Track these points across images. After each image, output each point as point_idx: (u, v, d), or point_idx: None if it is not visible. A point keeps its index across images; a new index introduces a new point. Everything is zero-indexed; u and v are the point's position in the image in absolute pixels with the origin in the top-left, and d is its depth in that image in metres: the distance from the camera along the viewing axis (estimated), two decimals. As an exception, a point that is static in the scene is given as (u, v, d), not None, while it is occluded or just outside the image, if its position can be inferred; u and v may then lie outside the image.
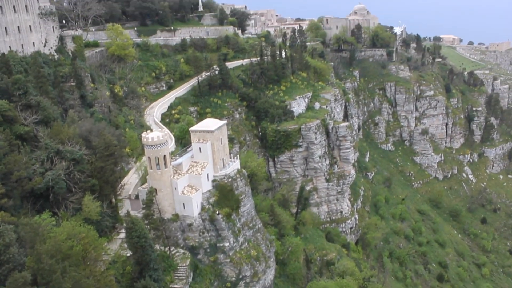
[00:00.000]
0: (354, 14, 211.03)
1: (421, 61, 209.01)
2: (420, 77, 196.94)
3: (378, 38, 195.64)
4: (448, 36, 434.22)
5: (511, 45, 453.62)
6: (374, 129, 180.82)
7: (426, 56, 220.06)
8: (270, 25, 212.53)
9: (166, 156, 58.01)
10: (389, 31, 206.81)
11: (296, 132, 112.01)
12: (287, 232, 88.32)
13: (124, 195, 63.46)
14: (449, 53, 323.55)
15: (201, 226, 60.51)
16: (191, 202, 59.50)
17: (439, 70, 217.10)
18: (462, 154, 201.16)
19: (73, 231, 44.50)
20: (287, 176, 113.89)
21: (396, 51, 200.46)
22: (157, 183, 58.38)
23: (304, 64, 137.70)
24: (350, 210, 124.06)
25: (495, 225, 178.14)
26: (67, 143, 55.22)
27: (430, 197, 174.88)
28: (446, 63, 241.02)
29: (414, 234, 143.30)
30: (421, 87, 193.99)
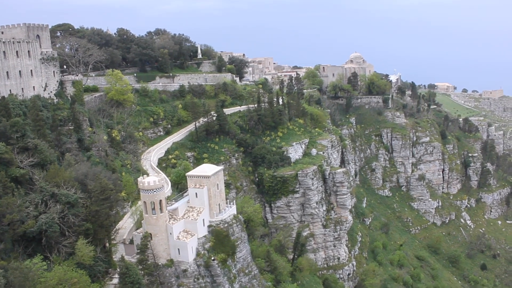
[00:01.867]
0: (350, 62, 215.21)
1: (417, 108, 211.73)
2: (416, 124, 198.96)
3: (374, 85, 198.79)
4: (443, 83, 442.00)
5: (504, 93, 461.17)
6: (371, 175, 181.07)
7: (422, 103, 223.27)
8: (267, 72, 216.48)
9: (162, 201, 57.90)
10: (384, 78, 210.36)
11: (293, 178, 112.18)
12: (283, 278, 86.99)
13: (118, 239, 62.88)
14: (443, 100, 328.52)
15: (196, 272, 59.66)
16: (186, 248, 58.90)
17: (434, 117, 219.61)
18: (460, 199, 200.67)
19: (64, 276, 43.87)
20: (284, 221, 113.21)
21: (392, 98, 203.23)
22: (152, 228, 57.97)
23: (301, 110, 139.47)
24: (348, 256, 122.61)
25: (495, 271, 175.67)
26: (62, 186, 55.20)
27: (428, 243, 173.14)
28: (441, 110, 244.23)
29: (413, 280, 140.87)
30: (417, 134, 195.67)
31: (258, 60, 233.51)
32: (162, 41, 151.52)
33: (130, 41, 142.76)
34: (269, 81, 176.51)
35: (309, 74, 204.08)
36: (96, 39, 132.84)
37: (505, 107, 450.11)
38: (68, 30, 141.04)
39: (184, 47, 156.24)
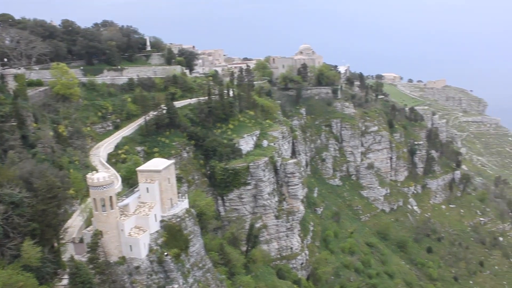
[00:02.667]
0: (300, 53, 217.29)
1: (365, 98, 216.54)
2: (365, 114, 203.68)
3: (323, 76, 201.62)
4: (389, 74, 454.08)
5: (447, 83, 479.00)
6: (321, 165, 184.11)
7: (370, 93, 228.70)
8: (218, 64, 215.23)
9: (112, 197, 56.72)
10: (333, 69, 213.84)
11: (244, 170, 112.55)
12: (237, 271, 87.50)
13: (67, 238, 61.16)
14: (390, 90, 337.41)
15: (149, 268, 59.00)
16: (138, 244, 58.07)
17: (382, 107, 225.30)
18: (407, 186, 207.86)
19: (9, 280, 42.26)
20: (237, 214, 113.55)
21: (341, 89, 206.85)
22: (102, 225, 56.74)
23: (252, 102, 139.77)
24: (300, 246, 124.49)
25: (440, 253, 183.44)
26: (5, 186, 53.04)
27: (378, 229, 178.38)
28: (388, 100, 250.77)
29: (364, 266, 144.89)
30: (366, 123, 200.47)
31: (208, 52, 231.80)
32: (109, 33, 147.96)
33: (75, 33, 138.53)
34: (219, 73, 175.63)
35: (259, 66, 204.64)
36: (39, 31, 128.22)
37: (447, 97, 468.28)
38: (8, 21, 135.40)
39: (132, 40, 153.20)
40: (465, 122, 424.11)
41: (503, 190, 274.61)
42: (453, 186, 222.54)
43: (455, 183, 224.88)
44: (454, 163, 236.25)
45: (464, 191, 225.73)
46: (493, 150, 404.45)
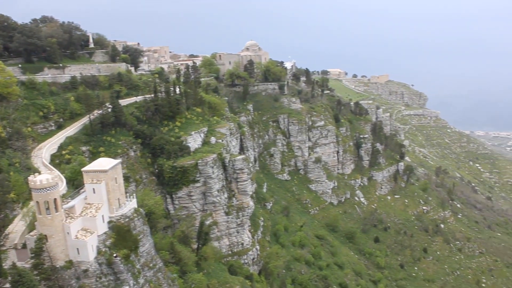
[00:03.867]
0: (246, 50, 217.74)
1: (311, 94, 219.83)
2: (311, 109, 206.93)
3: (270, 72, 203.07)
4: (335, 70, 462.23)
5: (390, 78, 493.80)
6: (270, 160, 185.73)
7: (316, 89, 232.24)
8: (163, 61, 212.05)
9: (56, 200, 55.00)
10: (280, 66, 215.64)
11: (193, 167, 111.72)
12: (189, 269, 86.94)
13: (9, 245, 58.77)
14: (336, 86, 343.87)
15: (98, 271, 57.70)
16: (86, 247, 56.64)
17: (328, 102, 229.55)
18: (353, 179, 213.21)
19: None
20: (186, 212, 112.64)
21: (288, 85, 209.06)
22: (47, 229, 54.93)
23: (199, 99, 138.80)
24: (251, 241, 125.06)
25: (386, 242, 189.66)
26: None
27: (326, 222, 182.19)
28: (334, 95, 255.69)
29: (314, 259, 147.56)
30: (312, 118, 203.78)
31: (154, 49, 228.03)
32: (49, 30, 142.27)
33: (12, 29, 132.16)
34: (165, 70, 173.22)
35: (206, 63, 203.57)
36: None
37: (390, 91, 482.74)
38: None
39: (74, 36, 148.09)
40: (408, 116, 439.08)
41: (443, 179, 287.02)
42: (398, 177, 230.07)
43: (399, 174, 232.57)
44: (398, 155, 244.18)
45: (408, 182, 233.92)
46: (433, 141, 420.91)
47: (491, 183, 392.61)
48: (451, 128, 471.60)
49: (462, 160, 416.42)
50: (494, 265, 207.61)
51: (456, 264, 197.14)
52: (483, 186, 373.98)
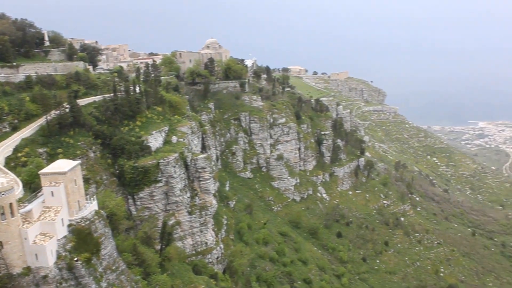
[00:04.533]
0: (207, 48, 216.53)
1: (272, 91, 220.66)
2: (272, 106, 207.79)
3: (230, 70, 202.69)
4: (295, 67, 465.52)
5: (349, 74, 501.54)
6: (232, 158, 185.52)
7: (276, 86, 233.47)
8: (122, 60, 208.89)
9: (12, 204, 53.27)
10: (240, 63, 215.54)
11: (154, 167, 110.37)
12: (152, 270, 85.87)
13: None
14: (297, 83, 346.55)
15: (58, 277, 56.27)
16: (44, 252, 55.08)
17: (289, 99, 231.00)
18: (315, 175, 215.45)
19: None
20: (148, 212, 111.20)
21: (249, 82, 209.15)
22: (3, 235, 53.14)
23: (159, 98, 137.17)
24: (215, 240, 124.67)
25: (349, 237, 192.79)
26: None
27: (290, 218, 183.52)
28: (294, 92, 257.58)
29: (279, 255, 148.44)
30: (274, 115, 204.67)
31: (113, 47, 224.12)
32: (1, 27, 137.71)
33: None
34: (124, 69, 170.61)
35: (166, 61, 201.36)
36: None
37: (350, 88, 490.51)
38: None
39: (28, 34, 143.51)
40: (367, 112, 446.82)
41: (402, 173, 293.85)
42: (359, 172, 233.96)
43: (360, 170, 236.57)
44: (359, 150, 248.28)
45: (368, 177, 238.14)
46: (392, 137, 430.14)
47: (448, 176, 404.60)
48: (409, 124, 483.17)
49: (420, 154, 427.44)
50: (451, 254, 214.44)
51: (416, 256, 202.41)
52: (440, 179, 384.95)
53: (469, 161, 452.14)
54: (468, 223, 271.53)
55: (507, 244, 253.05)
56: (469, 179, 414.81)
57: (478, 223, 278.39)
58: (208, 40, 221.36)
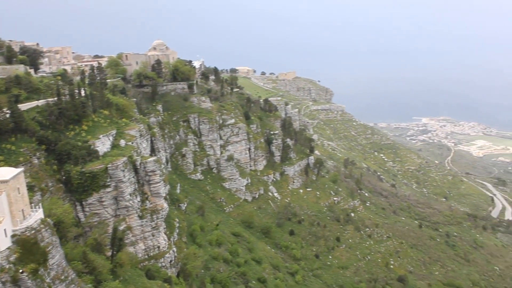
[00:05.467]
0: (154, 49, 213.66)
1: (221, 92, 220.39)
2: (221, 107, 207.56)
3: (178, 72, 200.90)
4: (243, 67, 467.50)
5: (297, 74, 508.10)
6: (182, 160, 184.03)
7: (225, 87, 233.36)
8: (66, 62, 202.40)
9: (-49, 216, 50.80)
10: (188, 65, 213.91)
11: (102, 172, 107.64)
12: (104, 277, 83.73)
13: None
14: (245, 83, 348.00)
15: (2, 290, 54.05)
16: (-14, 264, 52.85)
17: (237, 99, 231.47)
18: (266, 175, 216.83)
19: None
20: (98, 218, 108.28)
21: (197, 84, 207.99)
22: None
23: (106, 101, 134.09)
24: (168, 244, 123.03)
25: (301, 234, 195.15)
26: None
27: (242, 219, 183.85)
28: (243, 93, 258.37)
29: (232, 256, 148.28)
30: (223, 116, 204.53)
31: (55, 50, 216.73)
32: None
33: None
34: (69, 71, 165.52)
35: (112, 63, 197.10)
36: None
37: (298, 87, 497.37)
38: None
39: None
40: (315, 110, 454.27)
41: (351, 170, 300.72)
42: (309, 170, 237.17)
43: (310, 168, 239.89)
44: (308, 149, 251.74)
45: (318, 175, 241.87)
46: (340, 134, 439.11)
47: (395, 171, 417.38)
48: (356, 121, 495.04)
49: (368, 151, 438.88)
50: (400, 247, 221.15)
51: (367, 250, 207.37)
52: (388, 174, 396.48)
53: (414, 156, 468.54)
54: (415, 216, 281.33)
55: (451, 234, 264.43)
56: (415, 173, 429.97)
57: (424, 216, 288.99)
58: (155, 41, 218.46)
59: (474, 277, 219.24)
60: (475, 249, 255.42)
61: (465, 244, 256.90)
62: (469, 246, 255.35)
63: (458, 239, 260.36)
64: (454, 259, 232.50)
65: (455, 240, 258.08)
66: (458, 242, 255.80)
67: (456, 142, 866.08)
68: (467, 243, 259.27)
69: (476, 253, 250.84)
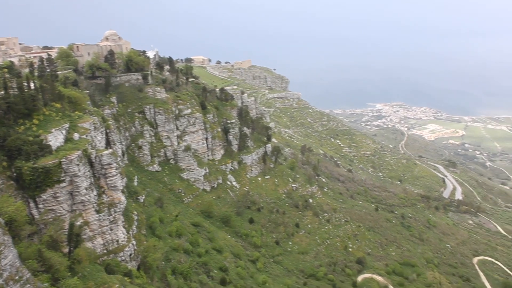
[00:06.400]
0: (106, 40, 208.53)
1: (176, 82, 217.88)
2: (177, 97, 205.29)
3: (132, 62, 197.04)
4: (198, 57, 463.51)
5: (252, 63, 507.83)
6: (138, 152, 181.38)
7: (180, 77, 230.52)
8: (13, 54, 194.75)
9: None
10: (142, 55, 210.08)
11: (56, 167, 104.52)
12: (61, 275, 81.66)
13: None
14: (200, 73, 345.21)
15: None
16: None
17: (193, 89, 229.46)
18: (224, 164, 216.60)
19: None
20: (53, 215, 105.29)
21: (151, 74, 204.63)
22: None
23: (57, 94, 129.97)
24: (127, 237, 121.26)
25: (261, 222, 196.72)
26: None
27: (201, 209, 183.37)
28: (199, 82, 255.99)
29: (193, 246, 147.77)
30: (179, 107, 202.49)
31: (0, 41, 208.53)
32: None
33: None
34: (16, 64, 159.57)
35: (62, 54, 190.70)
36: None
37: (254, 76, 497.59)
38: None
39: None
40: (272, 99, 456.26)
41: (308, 157, 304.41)
42: (266, 158, 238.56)
43: (268, 156, 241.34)
44: (265, 137, 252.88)
45: (276, 162, 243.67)
46: (297, 122, 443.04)
47: (351, 157, 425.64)
48: (312, 108, 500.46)
49: (324, 137, 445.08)
50: (357, 230, 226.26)
51: (326, 234, 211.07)
52: (344, 160, 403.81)
53: (369, 141, 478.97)
54: (371, 199, 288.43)
55: (406, 215, 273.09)
56: (370, 158, 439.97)
57: (380, 199, 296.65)
58: (107, 31, 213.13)
59: (428, 255, 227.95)
60: (428, 229, 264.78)
61: (419, 224, 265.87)
62: (423, 226, 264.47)
63: (412, 220, 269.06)
64: (409, 239, 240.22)
65: (410, 221, 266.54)
66: (412, 223, 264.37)
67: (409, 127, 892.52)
68: (421, 224, 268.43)
69: (429, 232, 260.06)
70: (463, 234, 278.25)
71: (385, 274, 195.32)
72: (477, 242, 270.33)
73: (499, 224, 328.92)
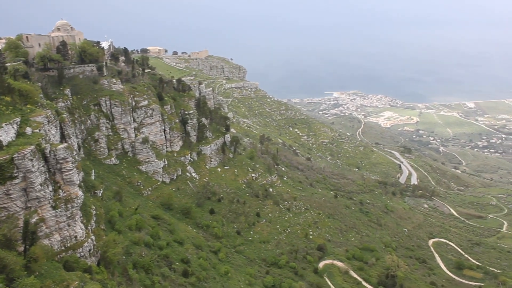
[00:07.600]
0: (58, 30, 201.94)
1: (132, 73, 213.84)
2: (133, 89, 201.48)
3: (86, 53, 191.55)
4: (154, 47, 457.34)
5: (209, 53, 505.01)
6: (95, 145, 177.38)
7: (136, 68, 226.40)
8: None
9: None
10: (96, 46, 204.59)
11: (8, 163, 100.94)
12: (17, 274, 79.36)
13: None
14: (157, 64, 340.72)
15: None
16: None
17: (150, 80, 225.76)
18: (183, 155, 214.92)
19: None
20: (6, 212, 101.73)
21: (106, 66, 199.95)
22: None
23: (7, 87, 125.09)
24: (85, 233, 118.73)
25: (221, 213, 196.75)
26: None
27: (161, 201, 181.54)
28: (155, 73, 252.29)
29: (154, 239, 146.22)
30: (136, 98, 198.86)
31: None
32: None
33: None
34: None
35: (11, 45, 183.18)
36: None
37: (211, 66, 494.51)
38: None
39: None
40: (229, 89, 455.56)
41: (267, 146, 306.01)
42: (225, 149, 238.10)
43: (227, 146, 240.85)
44: (224, 127, 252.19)
45: (235, 152, 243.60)
46: (255, 111, 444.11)
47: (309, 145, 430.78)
48: (270, 98, 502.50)
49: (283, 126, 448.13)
50: (318, 217, 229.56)
51: (287, 223, 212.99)
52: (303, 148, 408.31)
53: (327, 130, 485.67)
54: (330, 186, 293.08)
55: (364, 201, 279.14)
56: (329, 146, 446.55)
57: (339, 186, 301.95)
58: (58, 22, 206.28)
59: (386, 240, 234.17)
60: (386, 214, 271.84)
61: (377, 210, 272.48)
62: (380, 212, 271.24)
63: (371, 206, 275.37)
64: (368, 225, 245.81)
65: (368, 207, 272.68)
66: (371, 208, 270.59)
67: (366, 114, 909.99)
68: (379, 209, 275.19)
69: (387, 217, 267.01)
70: (419, 217, 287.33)
71: (345, 259, 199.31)
72: (432, 225, 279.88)
73: (452, 207, 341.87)
